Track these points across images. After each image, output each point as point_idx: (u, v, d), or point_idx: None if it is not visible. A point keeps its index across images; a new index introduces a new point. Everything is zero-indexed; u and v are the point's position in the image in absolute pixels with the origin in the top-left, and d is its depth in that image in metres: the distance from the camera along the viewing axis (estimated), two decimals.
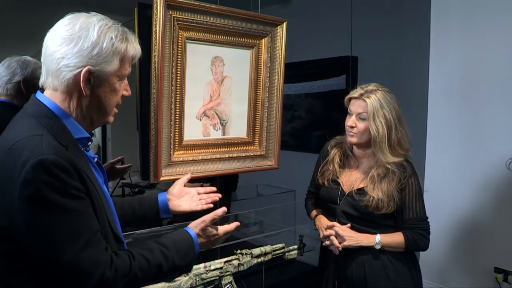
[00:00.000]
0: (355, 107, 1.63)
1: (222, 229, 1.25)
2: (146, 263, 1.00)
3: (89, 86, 0.98)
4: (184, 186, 1.41)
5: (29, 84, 1.78)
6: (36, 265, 0.90)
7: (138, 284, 1.00)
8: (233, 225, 1.28)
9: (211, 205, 1.40)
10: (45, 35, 1.00)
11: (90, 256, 0.90)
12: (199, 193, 1.41)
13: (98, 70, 0.98)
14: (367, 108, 1.59)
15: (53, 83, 0.98)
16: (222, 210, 1.24)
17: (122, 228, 1.16)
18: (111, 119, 1.08)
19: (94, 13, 1.01)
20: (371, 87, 1.63)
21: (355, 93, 1.64)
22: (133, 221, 1.32)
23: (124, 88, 1.07)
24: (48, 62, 0.98)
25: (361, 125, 1.62)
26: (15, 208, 0.87)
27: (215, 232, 1.23)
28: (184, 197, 1.38)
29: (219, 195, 1.42)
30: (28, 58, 1.84)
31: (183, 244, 1.13)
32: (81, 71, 0.95)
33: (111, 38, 0.98)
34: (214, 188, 1.44)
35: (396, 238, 1.61)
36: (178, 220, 1.65)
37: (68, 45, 0.95)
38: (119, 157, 2.10)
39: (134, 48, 1.04)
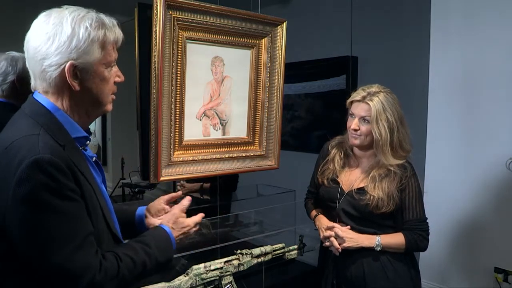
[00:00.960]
0: (358, 110, 1.63)
1: (192, 220, 1.25)
2: (132, 263, 1.00)
3: (77, 80, 0.97)
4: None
5: (23, 81, 1.73)
6: (28, 266, 0.90)
7: (125, 284, 1.00)
8: (199, 216, 1.28)
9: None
10: None
11: (81, 259, 0.89)
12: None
13: (81, 63, 0.96)
14: (370, 111, 1.59)
15: (42, 86, 0.98)
16: (187, 199, 1.27)
17: None
18: (109, 107, 1.07)
19: (66, 6, 0.99)
20: (373, 88, 1.63)
21: (357, 95, 1.63)
22: None
23: (115, 75, 1.05)
24: (32, 65, 0.97)
25: (364, 128, 1.62)
26: (9, 208, 0.87)
27: (186, 222, 1.23)
28: (162, 216, 1.30)
29: (202, 214, 1.34)
30: (15, 54, 1.79)
31: (161, 240, 1.13)
32: (64, 67, 0.94)
33: (86, 28, 0.96)
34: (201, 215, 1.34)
35: (396, 239, 1.61)
36: None
37: (45, 44, 0.94)
38: None
39: (113, 32, 1.01)
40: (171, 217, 1.22)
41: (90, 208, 0.96)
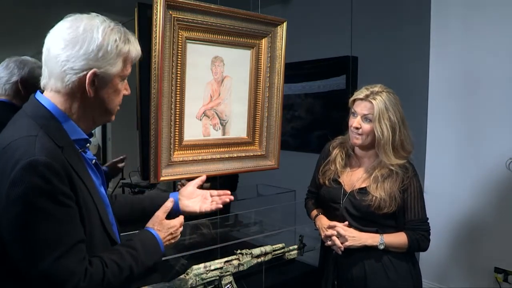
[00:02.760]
0: (360, 108, 1.63)
1: (177, 220, 1.26)
2: (117, 268, 1.00)
3: (93, 87, 0.98)
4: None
5: (27, 84, 1.78)
6: (14, 269, 0.89)
7: None
8: (181, 216, 1.29)
9: (220, 206, 1.42)
10: (44, 35, 0.99)
11: (65, 265, 0.89)
12: (211, 195, 1.43)
13: (103, 72, 0.98)
14: (373, 109, 1.59)
15: (56, 86, 0.98)
16: (170, 201, 1.28)
17: (132, 226, 1.17)
18: (113, 117, 1.09)
19: (94, 14, 1.01)
20: (376, 88, 1.63)
21: (360, 94, 1.63)
22: (142, 218, 1.28)
23: (124, 88, 1.08)
24: (51, 64, 0.97)
25: (366, 127, 1.62)
26: (1, 209, 0.87)
27: (172, 223, 1.23)
28: (195, 198, 1.40)
29: (231, 197, 1.44)
30: (27, 58, 1.84)
31: (148, 243, 1.13)
32: (87, 73, 0.95)
33: (115, 40, 0.98)
34: (228, 192, 1.45)
35: (399, 239, 1.61)
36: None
37: (73, 48, 0.95)
38: (121, 156, 2.23)
39: (135, 49, 1.05)
40: (155, 219, 1.21)
41: (84, 213, 0.96)
